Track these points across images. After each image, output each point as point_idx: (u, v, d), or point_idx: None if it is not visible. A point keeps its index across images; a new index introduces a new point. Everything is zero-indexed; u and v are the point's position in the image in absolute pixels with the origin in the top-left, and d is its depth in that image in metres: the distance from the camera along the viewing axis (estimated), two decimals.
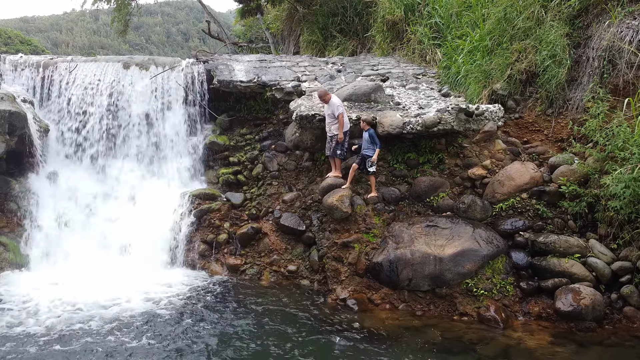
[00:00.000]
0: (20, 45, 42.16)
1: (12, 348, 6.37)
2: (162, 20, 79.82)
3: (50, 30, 68.55)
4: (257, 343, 6.64)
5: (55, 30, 68.90)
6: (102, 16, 72.25)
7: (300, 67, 12.12)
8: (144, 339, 6.69)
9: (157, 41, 76.58)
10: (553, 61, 8.62)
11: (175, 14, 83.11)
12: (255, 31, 29.61)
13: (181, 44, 78.90)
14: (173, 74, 11.40)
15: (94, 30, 71.96)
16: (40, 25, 70.15)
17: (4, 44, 40.55)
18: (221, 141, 11.18)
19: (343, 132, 8.85)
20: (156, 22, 78.33)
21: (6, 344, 6.48)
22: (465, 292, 7.47)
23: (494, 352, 6.57)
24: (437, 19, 11.68)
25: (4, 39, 42.60)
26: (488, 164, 8.51)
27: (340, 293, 7.93)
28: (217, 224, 9.93)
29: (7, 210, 9.79)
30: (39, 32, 64.76)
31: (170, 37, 79.45)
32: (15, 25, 60.12)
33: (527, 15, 9.16)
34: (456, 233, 7.68)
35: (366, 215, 8.38)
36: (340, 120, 8.78)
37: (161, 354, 6.35)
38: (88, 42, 67.46)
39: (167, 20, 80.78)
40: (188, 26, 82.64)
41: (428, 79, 11.26)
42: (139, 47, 69.96)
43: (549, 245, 7.49)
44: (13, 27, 54.01)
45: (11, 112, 9.36)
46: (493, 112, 8.49)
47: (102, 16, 72.25)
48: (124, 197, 10.58)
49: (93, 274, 9.08)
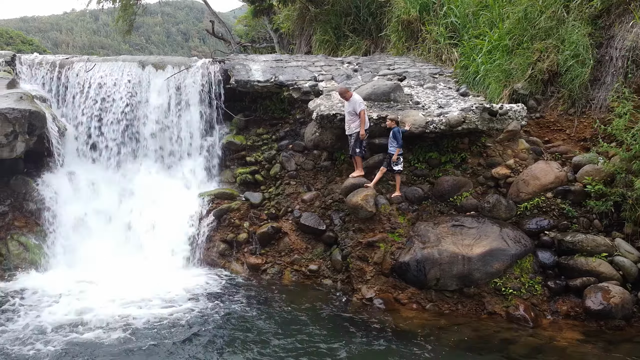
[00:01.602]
0: (21, 45, 42.11)
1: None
2: (162, 20, 79.69)
3: (50, 30, 68.40)
4: (288, 341, 6.65)
5: (55, 30, 68.75)
6: (102, 16, 72.09)
7: (316, 66, 12.11)
8: (171, 338, 6.71)
9: (157, 41, 76.48)
10: (576, 61, 8.63)
11: (175, 14, 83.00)
12: (257, 31, 29.60)
13: (181, 44, 78.82)
14: (189, 73, 11.37)
15: (93, 30, 71.85)
16: (40, 25, 69.98)
17: (6, 44, 40.48)
18: (238, 141, 11.16)
19: (367, 128, 8.81)
20: (156, 22, 78.18)
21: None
22: (494, 292, 7.47)
23: (525, 350, 6.57)
24: (453, 19, 11.67)
25: (6, 39, 42.56)
26: (512, 164, 8.51)
27: (366, 292, 7.93)
28: (237, 223, 9.93)
29: (26, 210, 9.75)
30: (38, 32, 64.61)
31: (170, 37, 79.37)
32: (15, 25, 59.97)
33: (549, 15, 9.16)
34: (483, 232, 7.68)
35: (390, 214, 8.38)
36: (362, 117, 8.76)
37: (182, 353, 6.38)
38: (88, 42, 67.34)
39: (167, 20, 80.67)
40: (188, 26, 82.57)
41: (445, 79, 11.26)
42: (139, 47, 69.84)
43: (577, 245, 7.50)
44: (13, 27, 53.92)
45: (31, 112, 9.32)
46: (517, 111, 8.49)
47: (102, 16, 72.09)
48: (142, 197, 10.53)
49: (112, 274, 9.07)
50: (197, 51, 69.65)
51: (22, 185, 9.81)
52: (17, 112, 9.10)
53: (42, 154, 10.14)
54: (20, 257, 9.24)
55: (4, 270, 9.06)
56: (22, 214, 9.72)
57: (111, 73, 11.17)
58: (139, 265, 9.52)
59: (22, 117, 9.17)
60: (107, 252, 9.76)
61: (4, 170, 9.73)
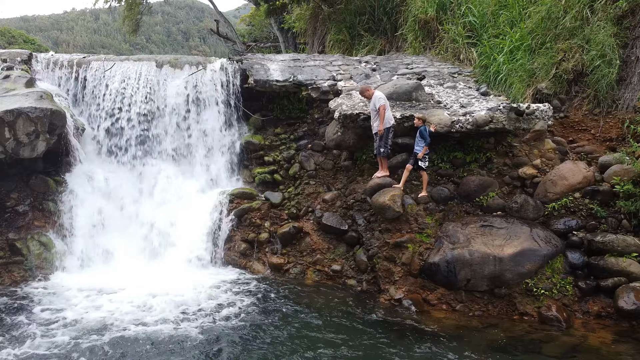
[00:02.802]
0: (24, 44, 41.91)
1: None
2: (162, 20, 79.57)
3: (50, 30, 68.19)
4: (322, 342, 6.59)
5: (55, 30, 68.55)
6: (102, 15, 71.98)
7: (333, 66, 12.07)
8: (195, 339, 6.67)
9: (158, 40, 76.39)
10: (603, 61, 8.61)
11: (175, 13, 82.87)
12: (261, 31, 29.54)
13: (181, 43, 78.73)
14: (207, 73, 11.32)
15: (94, 30, 71.68)
16: (40, 24, 69.75)
17: (8, 42, 40.34)
18: (256, 140, 11.12)
19: (385, 128, 8.69)
20: (156, 21, 78.06)
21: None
22: (525, 292, 7.43)
23: (559, 351, 6.55)
24: (471, 18, 11.64)
25: (8, 38, 42.41)
26: (538, 164, 8.48)
27: (395, 293, 7.88)
28: (258, 223, 9.89)
29: (45, 209, 9.68)
30: (39, 31, 64.39)
31: (170, 37, 79.28)
32: (16, 25, 59.75)
33: (573, 15, 9.14)
34: (513, 233, 7.65)
35: (418, 215, 8.33)
36: (381, 113, 8.56)
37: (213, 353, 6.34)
38: (89, 41, 67.18)
39: (168, 19, 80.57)
40: (188, 25, 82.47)
41: (464, 78, 11.23)
42: (139, 46, 69.73)
43: (607, 245, 7.47)
44: (14, 27, 53.73)
45: (52, 111, 9.24)
46: (543, 111, 8.46)
47: (102, 15, 71.98)
48: (161, 196, 10.50)
49: (132, 273, 9.05)
50: (198, 50, 69.60)
51: (41, 184, 9.73)
52: (39, 111, 9.03)
53: (60, 153, 10.06)
54: (41, 257, 9.18)
55: (25, 270, 9.01)
56: (41, 214, 9.65)
57: (128, 72, 11.11)
58: (159, 265, 9.52)
59: (44, 117, 9.10)
60: (127, 251, 9.74)
61: (24, 169, 9.67)
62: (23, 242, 9.21)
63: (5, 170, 9.48)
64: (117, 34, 72.31)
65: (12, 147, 8.96)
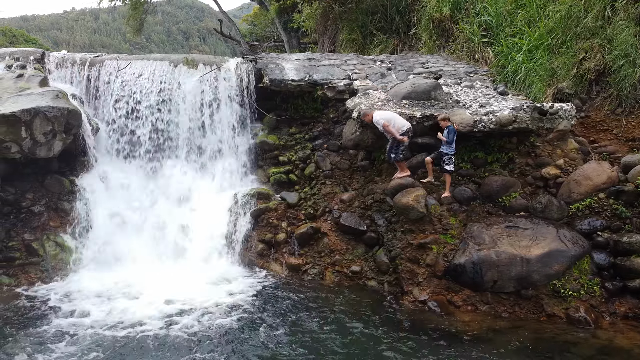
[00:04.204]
0: (25, 44, 41.72)
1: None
2: (162, 19, 79.39)
3: (50, 29, 67.96)
4: (345, 344, 6.53)
5: (55, 29, 68.34)
6: (102, 15, 71.76)
7: (348, 65, 11.98)
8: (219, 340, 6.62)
9: (158, 40, 76.24)
10: (626, 61, 8.54)
11: (175, 13, 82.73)
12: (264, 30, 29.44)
13: (181, 43, 78.58)
14: (222, 72, 11.22)
15: (94, 29, 71.47)
16: (40, 24, 69.53)
17: (9, 42, 40.15)
18: (271, 140, 11.03)
19: (403, 132, 8.65)
20: (156, 21, 77.87)
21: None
22: (552, 293, 7.36)
23: (589, 352, 6.49)
24: (487, 17, 11.57)
25: (9, 38, 42.23)
26: (561, 164, 8.41)
27: (419, 295, 7.80)
28: (275, 223, 9.80)
29: (60, 209, 9.58)
30: (39, 31, 64.15)
31: (170, 36, 79.13)
32: (16, 24, 59.53)
33: (594, 14, 9.07)
34: (539, 233, 7.58)
35: (441, 215, 8.26)
36: (387, 130, 8.65)
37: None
38: (89, 41, 67.00)
39: (167, 19, 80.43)
40: (188, 25, 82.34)
41: (481, 77, 11.15)
42: (139, 46, 69.53)
43: (634, 245, 7.41)
44: (14, 26, 53.54)
45: (69, 110, 9.15)
46: (567, 110, 8.38)
47: (102, 15, 71.76)
48: (176, 197, 10.40)
49: (149, 274, 8.97)
50: (198, 50, 69.44)
51: (56, 184, 9.64)
52: (56, 111, 8.94)
53: (75, 153, 9.97)
54: (57, 258, 9.10)
55: (42, 271, 8.92)
56: (57, 214, 9.56)
57: (142, 71, 11.00)
58: (175, 265, 9.45)
59: (61, 116, 9.01)
60: (143, 251, 9.66)
61: (39, 169, 9.57)
62: (39, 243, 9.13)
63: (20, 170, 9.39)
64: (116, 34, 72.12)
65: (28, 147, 8.86)
